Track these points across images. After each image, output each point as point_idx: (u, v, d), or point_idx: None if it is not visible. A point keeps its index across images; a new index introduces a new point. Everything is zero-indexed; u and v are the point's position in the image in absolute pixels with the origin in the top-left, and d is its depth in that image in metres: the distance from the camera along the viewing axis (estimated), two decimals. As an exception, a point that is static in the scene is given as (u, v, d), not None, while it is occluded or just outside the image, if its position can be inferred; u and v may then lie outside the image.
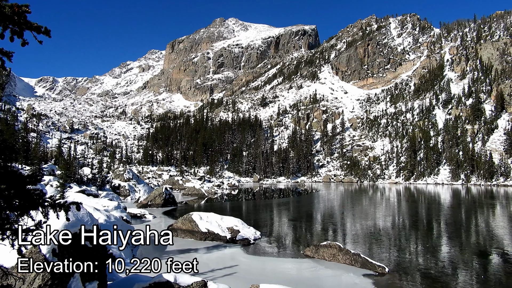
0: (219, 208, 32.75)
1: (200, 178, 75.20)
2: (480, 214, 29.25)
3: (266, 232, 19.57)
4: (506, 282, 11.13)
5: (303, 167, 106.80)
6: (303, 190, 65.56)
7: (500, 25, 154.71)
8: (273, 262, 13.51)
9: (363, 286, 10.50)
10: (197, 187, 52.05)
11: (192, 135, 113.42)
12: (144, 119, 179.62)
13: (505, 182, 79.13)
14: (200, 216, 17.78)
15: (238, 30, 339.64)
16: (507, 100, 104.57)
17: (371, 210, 32.20)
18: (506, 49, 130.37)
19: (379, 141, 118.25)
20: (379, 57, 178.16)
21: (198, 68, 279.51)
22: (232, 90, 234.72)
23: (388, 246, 16.35)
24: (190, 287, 6.77)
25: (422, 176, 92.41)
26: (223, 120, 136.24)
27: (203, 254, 14.31)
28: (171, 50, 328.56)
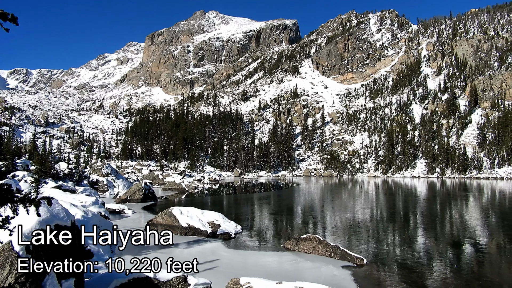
0: (200, 203, 32.60)
1: (180, 173, 74.56)
2: (454, 206, 30.22)
3: (247, 226, 19.62)
4: (478, 271, 11.55)
5: (283, 161, 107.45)
6: (283, 184, 66.01)
7: (475, 23, 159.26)
8: (254, 255, 13.56)
9: (342, 278, 10.68)
10: (177, 182, 51.61)
11: (172, 129, 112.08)
12: (122, 113, 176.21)
13: (477, 175, 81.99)
14: (180, 210, 17.63)
15: (219, 23, 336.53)
16: (480, 95, 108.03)
17: (350, 203, 32.76)
18: (480, 46, 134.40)
19: (358, 136, 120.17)
20: (359, 53, 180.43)
21: (178, 61, 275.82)
22: (213, 84, 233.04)
23: (367, 238, 16.68)
24: (170, 282, 6.71)
25: (400, 169, 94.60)
26: (204, 114, 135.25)
27: (183, 249, 14.22)
28: (151, 42, 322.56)
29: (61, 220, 6.32)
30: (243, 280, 7.30)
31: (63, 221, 6.38)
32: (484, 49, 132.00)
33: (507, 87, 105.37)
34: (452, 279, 10.74)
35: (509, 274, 11.45)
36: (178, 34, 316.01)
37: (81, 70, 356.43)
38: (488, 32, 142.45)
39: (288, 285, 6.91)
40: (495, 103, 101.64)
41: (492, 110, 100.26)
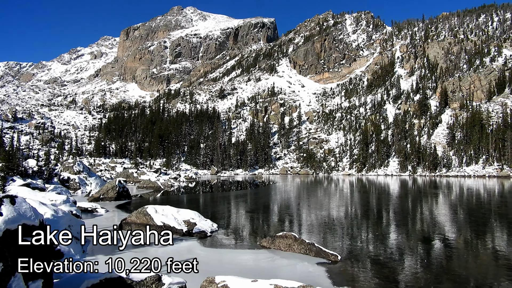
0: (176, 201, 32.21)
1: (156, 171, 73.44)
2: (424, 203, 31.23)
3: (224, 224, 19.55)
4: (446, 265, 11.98)
5: (260, 160, 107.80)
6: (260, 182, 66.20)
7: (445, 26, 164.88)
8: (230, 253, 13.52)
9: (317, 274, 10.82)
10: (152, 180, 50.77)
11: (148, 126, 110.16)
12: (96, 108, 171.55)
13: (447, 173, 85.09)
14: (155, 209, 17.36)
15: (197, 20, 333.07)
16: (450, 96, 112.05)
17: (326, 201, 33.25)
18: (450, 48, 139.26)
19: (334, 134, 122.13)
20: (335, 53, 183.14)
21: (154, 57, 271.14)
22: (190, 81, 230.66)
23: (341, 235, 16.97)
24: (143, 282, 6.58)
25: (373, 167, 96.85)
26: (180, 111, 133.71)
27: (158, 248, 13.99)
28: (126, 37, 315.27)
29: (28, 219, 6.06)
30: (218, 278, 7.27)
31: (31, 221, 6.13)
32: (454, 52, 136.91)
33: (475, 89, 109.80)
34: (422, 273, 11.09)
35: (475, 268, 11.94)
36: (155, 30, 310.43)
37: (52, 63, 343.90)
38: (458, 35, 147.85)
39: (263, 282, 6.92)
40: (464, 104, 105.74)
41: (461, 110, 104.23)
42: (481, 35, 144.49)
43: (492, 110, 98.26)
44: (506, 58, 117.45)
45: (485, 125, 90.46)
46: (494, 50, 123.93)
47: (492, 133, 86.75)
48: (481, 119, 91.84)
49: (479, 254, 13.59)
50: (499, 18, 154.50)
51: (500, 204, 31.10)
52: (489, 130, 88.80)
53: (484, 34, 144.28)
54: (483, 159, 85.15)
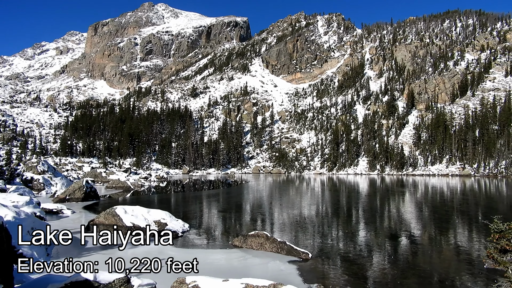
0: (146, 201, 31.60)
1: (125, 170, 71.70)
2: (392, 201, 32.27)
3: (195, 224, 19.38)
4: (412, 261, 12.44)
5: (233, 159, 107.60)
6: (233, 181, 66.10)
7: (412, 30, 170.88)
8: (202, 253, 13.41)
9: (288, 272, 10.94)
10: (122, 180, 49.51)
11: (117, 124, 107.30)
12: (62, 106, 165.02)
13: (413, 172, 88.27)
14: (124, 209, 16.95)
15: (168, 17, 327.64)
16: (417, 98, 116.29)
17: (297, 200, 33.65)
18: (417, 52, 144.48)
19: (306, 134, 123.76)
20: (307, 53, 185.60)
21: (124, 54, 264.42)
22: (161, 79, 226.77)
23: (312, 233, 17.23)
24: (111, 284, 6.40)
25: (344, 167, 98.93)
26: (151, 109, 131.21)
27: (128, 249, 13.60)
28: (94, 32, 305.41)
29: (-13, 221, 5.76)
30: (189, 278, 7.19)
31: (-10, 223, 5.82)
32: (420, 55, 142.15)
33: (440, 91, 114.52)
34: (389, 269, 11.46)
35: (438, 263, 12.45)
36: (125, 26, 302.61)
37: (14, 58, 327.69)
38: (424, 39, 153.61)
39: (234, 281, 6.92)
40: (429, 106, 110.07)
41: (427, 112, 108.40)
42: (445, 39, 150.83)
43: (455, 111, 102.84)
44: (468, 62, 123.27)
45: (449, 126, 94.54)
46: (457, 54, 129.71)
47: (455, 133, 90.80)
48: (445, 120, 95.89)
49: (442, 250, 14.21)
50: (462, 24, 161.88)
51: (462, 202, 32.63)
52: (452, 131, 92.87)
53: (448, 39, 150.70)
54: (447, 158, 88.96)
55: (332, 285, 9.95)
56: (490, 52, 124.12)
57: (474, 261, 12.19)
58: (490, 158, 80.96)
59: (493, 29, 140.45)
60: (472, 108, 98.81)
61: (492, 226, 7.52)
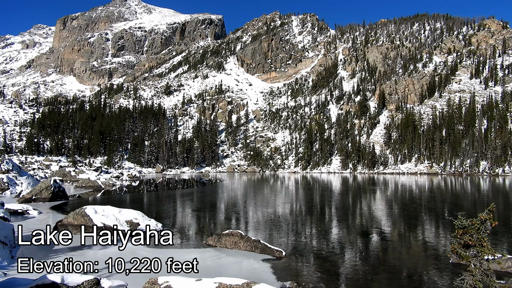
0: (118, 201, 30.85)
1: (96, 169, 69.75)
2: (363, 199, 33.06)
3: (169, 224, 19.12)
4: (382, 257, 12.79)
5: (207, 157, 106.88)
6: (207, 180, 65.67)
7: (384, 32, 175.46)
8: (175, 253, 13.23)
9: (262, 270, 10.99)
10: (92, 179, 48.11)
11: (87, 122, 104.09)
12: (28, 102, 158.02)
13: (384, 170, 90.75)
14: (95, 209, 16.47)
15: (141, 12, 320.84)
16: (387, 98, 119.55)
17: (272, 198, 33.85)
18: (388, 53, 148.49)
19: (280, 133, 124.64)
20: (282, 53, 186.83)
21: (95, 50, 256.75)
22: (134, 76, 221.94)
23: (286, 231, 17.39)
24: (80, 286, 6.20)
25: (317, 165, 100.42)
26: (124, 107, 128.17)
27: (98, 250, 13.30)
28: (63, 27, 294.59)
29: None
30: (161, 279, 7.07)
31: None
32: (391, 57, 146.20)
33: (409, 92, 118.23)
34: (360, 265, 11.73)
35: (407, 258, 12.88)
36: (95, 20, 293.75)
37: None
38: (394, 41, 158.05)
39: (208, 281, 6.87)
40: (399, 106, 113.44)
41: (397, 112, 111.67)
42: (414, 42, 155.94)
43: (423, 112, 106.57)
44: (436, 64, 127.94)
45: (418, 126, 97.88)
46: (426, 57, 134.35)
47: (423, 133, 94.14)
48: (414, 120, 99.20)
49: (411, 246, 14.70)
50: (430, 27, 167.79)
51: (429, 199, 33.87)
52: (420, 130, 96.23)
53: (417, 41, 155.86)
54: (416, 157, 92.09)
55: (305, 283, 10.08)
56: (456, 55, 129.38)
57: (441, 256, 12.68)
58: (456, 157, 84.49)
59: (459, 33, 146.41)
60: (439, 109, 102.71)
61: (456, 222, 7.84)
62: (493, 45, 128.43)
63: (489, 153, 79.96)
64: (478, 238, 7.39)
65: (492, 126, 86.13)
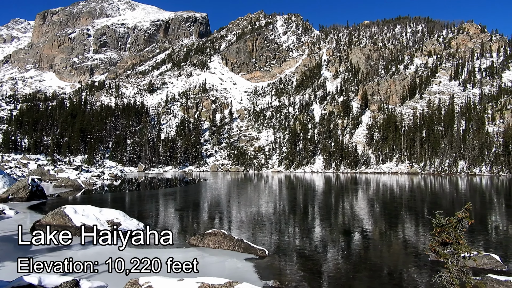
0: (99, 200, 30.30)
1: (76, 168, 68.34)
2: (346, 198, 33.47)
3: (151, 223, 18.90)
4: (364, 255, 12.97)
5: (191, 157, 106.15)
6: (190, 179, 65.23)
7: (367, 34, 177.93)
8: (157, 253, 13.08)
9: (245, 270, 10.99)
10: (72, 178, 47.10)
11: (68, 119, 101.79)
12: (5, 98, 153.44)
13: (365, 170, 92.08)
14: (74, 209, 16.13)
15: (124, 9, 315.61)
16: (370, 99, 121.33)
17: (255, 198, 33.89)
18: (370, 55, 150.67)
19: (264, 132, 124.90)
20: (266, 52, 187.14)
21: (76, 46, 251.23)
22: (116, 73, 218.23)
23: (270, 230, 17.43)
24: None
25: (301, 165, 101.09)
26: (105, 105, 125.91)
27: (77, 251, 13.03)
28: (42, 21, 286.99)
29: None
30: (143, 279, 6.98)
31: None
32: (373, 58, 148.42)
33: (391, 93, 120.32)
34: (342, 264, 11.87)
35: (388, 256, 13.10)
36: (76, 16, 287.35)
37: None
38: (377, 43, 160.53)
39: (190, 281, 6.83)
40: (381, 107, 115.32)
41: (379, 112, 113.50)
42: (396, 44, 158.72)
43: (404, 113, 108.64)
44: (417, 66, 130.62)
45: (399, 127, 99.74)
46: (407, 59, 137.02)
47: (404, 134, 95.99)
48: (395, 121, 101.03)
49: (391, 244, 14.97)
50: (412, 29, 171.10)
51: (409, 198, 34.56)
52: (402, 131, 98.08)
53: (399, 43, 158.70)
54: (397, 157, 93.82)
55: (288, 281, 10.13)
56: (436, 58, 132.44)
57: (420, 254, 12.96)
58: (435, 157, 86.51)
59: (439, 35, 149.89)
60: (420, 110, 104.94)
61: (434, 220, 8.02)
62: (472, 48, 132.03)
63: (467, 153, 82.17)
64: (455, 236, 7.59)
65: (470, 127, 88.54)
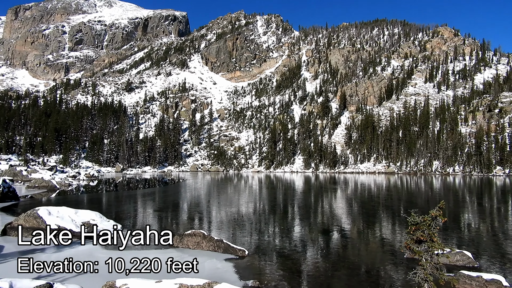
0: (75, 202, 29.51)
1: (50, 168, 66.34)
2: (325, 198, 33.88)
3: (129, 225, 18.58)
4: (342, 253, 13.17)
5: (170, 156, 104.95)
6: (170, 179, 64.50)
7: (345, 35, 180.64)
8: (135, 254, 12.85)
9: (225, 270, 10.95)
10: (46, 179, 45.68)
11: (42, 119, 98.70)
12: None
13: (344, 170, 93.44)
14: (48, 211, 15.65)
15: (101, 5, 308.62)
16: (348, 100, 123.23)
17: (235, 198, 33.84)
18: (349, 56, 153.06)
19: (244, 132, 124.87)
20: (246, 52, 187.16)
21: (50, 42, 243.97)
22: (93, 71, 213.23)
23: (249, 230, 17.44)
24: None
25: (281, 165, 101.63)
26: (81, 103, 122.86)
27: (51, 253, 12.67)
28: (14, 17, 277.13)
29: None
30: (120, 281, 6.85)
31: None
32: (352, 59, 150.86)
33: (369, 94, 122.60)
34: (321, 263, 12.01)
35: (366, 254, 13.34)
36: (51, 12, 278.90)
37: None
38: (355, 45, 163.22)
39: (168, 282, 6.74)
40: (359, 107, 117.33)
41: (357, 113, 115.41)
42: (374, 46, 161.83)
43: (382, 113, 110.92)
44: (394, 68, 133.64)
45: (376, 127, 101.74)
46: (384, 61, 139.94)
47: (382, 134, 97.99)
48: (373, 122, 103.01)
49: (369, 242, 15.26)
50: (389, 32, 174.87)
51: (386, 197, 35.33)
52: (379, 131, 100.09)
53: (376, 46, 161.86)
54: (374, 157, 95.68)
55: (268, 281, 10.16)
56: (412, 60, 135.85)
57: (396, 252, 13.26)
58: (411, 157, 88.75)
59: (415, 38, 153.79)
60: (396, 111, 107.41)
61: (409, 219, 8.22)
62: (446, 51, 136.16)
63: (441, 153, 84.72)
64: (429, 233, 7.80)
65: (444, 128, 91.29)
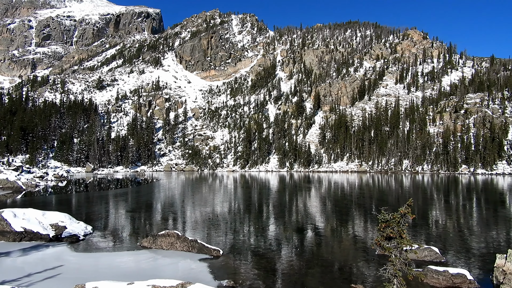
0: (42, 203, 28.44)
1: (16, 169, 63.57)
2: (299, 197, 34.25)
3: (100, 226, 18.09)
4: (316, 251, 13.37)
5: (143, 156, 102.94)
6: (143, 179, 63.30)
7: (319, 36, 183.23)
8: (107, 257, 12.57)
9: (199, 270, 10.89)
10: (11, 179, 43.79)
11: (6, 117, 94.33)
12: None
13: (318, 169, 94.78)
14: (14, 213, 15.02)
15: (70, 0, 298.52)
16: (322, 100, 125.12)
17: (210, 197, 33.64)
18: (323, 57, 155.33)
19: (219, 132, 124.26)
20: (221, 51, 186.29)
21: (15, 37, 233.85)
22: (62, 68, 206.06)
23: (224, 230, 17.40)
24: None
25: (256, 164, 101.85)
26: (49, 101, 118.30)
27: (17, 257, 12.15)
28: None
29: None
30: (90, 285, 6.66)
31: None
32: (326, 60, 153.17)
33: (342, 94, 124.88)
34: (296, 261, 12.14)
35: (339, 252, 13.59)
36: (16, 5, 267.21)
37: None
38: (329, 45, 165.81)
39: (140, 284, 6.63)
40: (333, 107, 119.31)
41: (331, 113, 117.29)
42: (347, 47, 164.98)
43: (354, 114, 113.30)
44: (366, 69, 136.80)
45: (349, 127, 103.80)
46: (357, 62, 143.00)
47: (354, 134, 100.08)
48: (346, 121, 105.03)
49: (342, 240, 15.56)
50: (361, 34, 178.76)
51: (359, 195, 36.14)
52: (352, 131, 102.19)
53: (349, 47, 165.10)
54: (347, 156, 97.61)
55: (242, 280, 10.18)
56: (383, 62, 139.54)
57: (368, 248, 13.60)
58: (382, 156, 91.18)
59: (386, 41, 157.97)
60: (368, 111, 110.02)
61: (380, 216, 8.45)
62: (415, 54, 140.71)
63: (410, 152, 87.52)
64: (398, 230, 8.05)
65: (414, 128, 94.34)
